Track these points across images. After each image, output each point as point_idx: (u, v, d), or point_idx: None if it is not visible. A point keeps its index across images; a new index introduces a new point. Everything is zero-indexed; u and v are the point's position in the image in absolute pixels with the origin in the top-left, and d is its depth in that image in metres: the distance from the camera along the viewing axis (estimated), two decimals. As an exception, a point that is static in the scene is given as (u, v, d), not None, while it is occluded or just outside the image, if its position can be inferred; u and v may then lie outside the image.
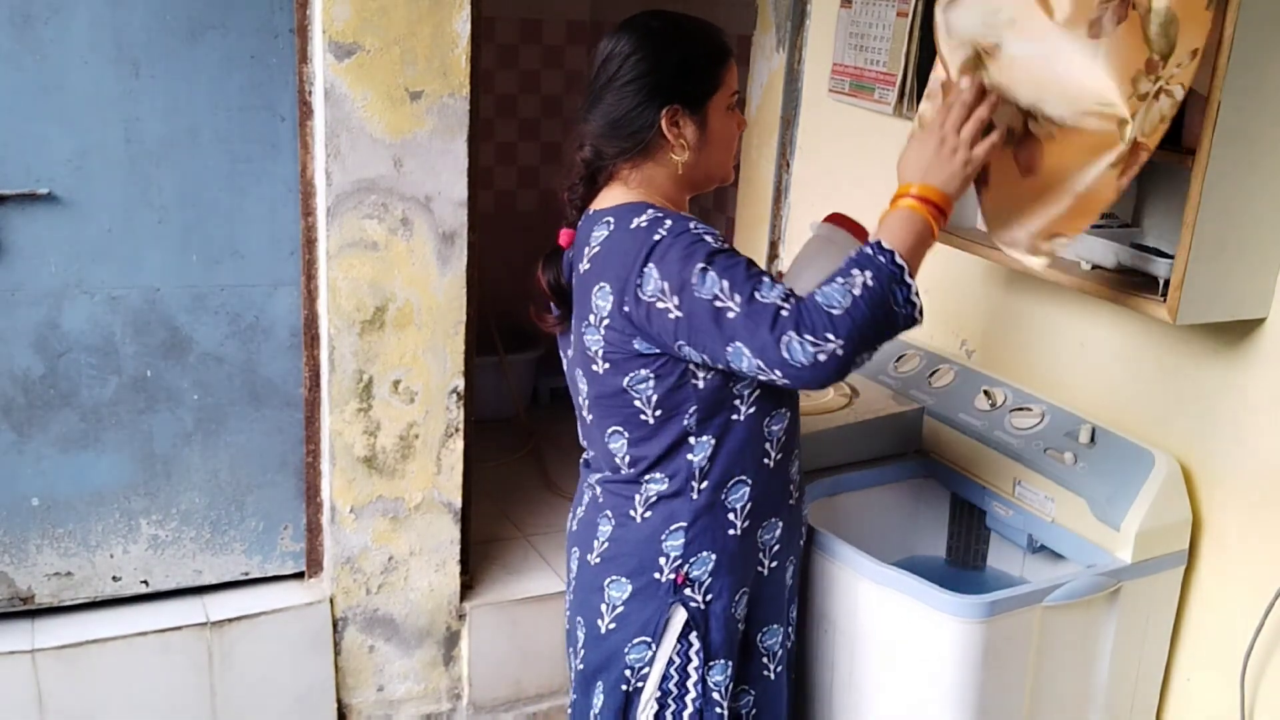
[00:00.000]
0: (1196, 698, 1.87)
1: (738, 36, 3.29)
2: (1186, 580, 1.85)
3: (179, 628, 2.38)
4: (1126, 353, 1.91)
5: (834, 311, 1.38)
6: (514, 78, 4.07)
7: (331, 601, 2.50)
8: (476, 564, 2.72)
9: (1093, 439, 1.85)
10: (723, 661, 1.65)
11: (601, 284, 1.53)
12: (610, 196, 1.60)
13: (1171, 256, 1.62)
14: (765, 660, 1.74)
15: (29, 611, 2.37)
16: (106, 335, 2.28)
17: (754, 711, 1.75)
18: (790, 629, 1.79)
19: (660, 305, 1.47)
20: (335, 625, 2.51)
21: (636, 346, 1.53)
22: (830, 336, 1.37)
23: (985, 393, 2.04)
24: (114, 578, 2.42)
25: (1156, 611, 1.84)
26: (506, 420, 3.72)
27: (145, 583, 2.44)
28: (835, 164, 2.60)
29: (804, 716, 1.93)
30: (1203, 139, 1.53)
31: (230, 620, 2.42)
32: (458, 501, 2.53)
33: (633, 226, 1.52)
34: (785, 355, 1.39)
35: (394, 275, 2.35)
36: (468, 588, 2.64)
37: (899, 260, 1.41)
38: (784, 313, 1.40)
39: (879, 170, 2.45)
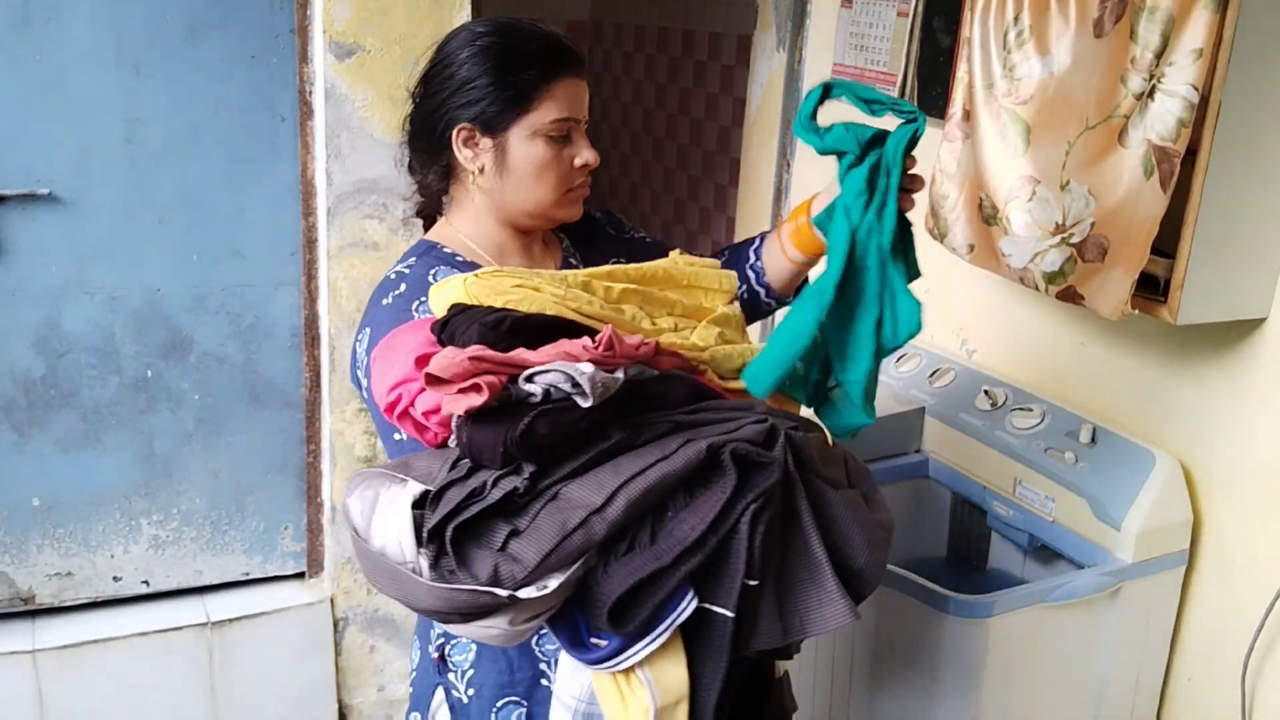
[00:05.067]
0: (1196, 698, 1.87)
1: (738, 36, 3.29)
2: (1186, 580, 1.85)
3: (179, 628, 2.38)
4: (1126, 353, 1.91)
5: None
6: (514, 78, 4.07)
7: (332, 602, 2.50)
8: (477, 564, 2.71)
9: (1093, 439, 1.85)
10: None
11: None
12: (437, 227, 1.50)
13: (1172, 256, 1.62)
14: None
15: (30, 611, 2.37)
16: (107, 335, 2.28)
17: None
18: None
19: (360, 373, 1.38)
20: (336, 625, 2.51)
21: (363, 398, 1.43)
22: None
23: (985, 393, 2.04)
24: (114, 578, 2.42)
25: (1156, 611, 1.84)
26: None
27: (146, 583, 2.44)
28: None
29: (804, 716, 1.93)
30: (1203, 139, 1.53)
31: (231, 620, 2.42)
32: (458, 501, 2.53)
33: (389, 273, 1.43)
34: None
35: (394, 275, 2.35)
36: (468, 588, 2.63)
37: None
38: None
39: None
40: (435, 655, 1.44)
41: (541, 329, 1.17)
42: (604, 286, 1.26)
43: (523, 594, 1.06)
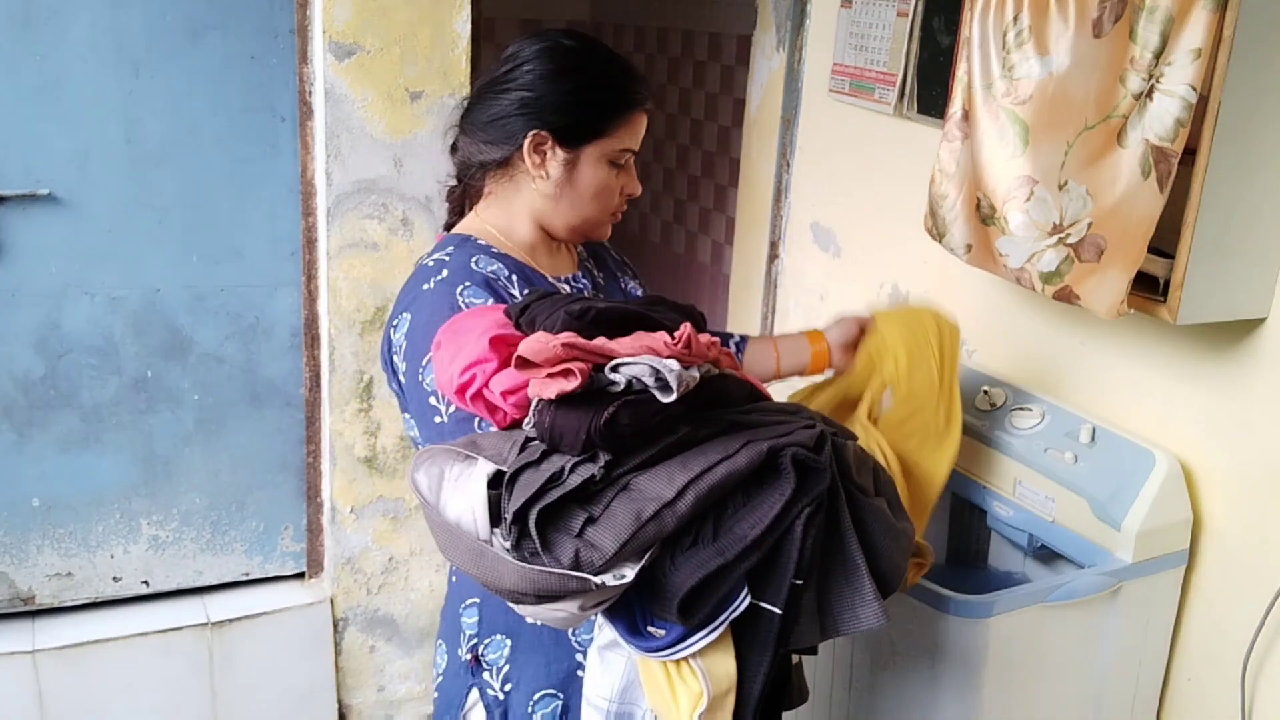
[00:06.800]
0: (1196, 698, 1.87)
1: (738, 36, 3.29)
2: (1186, 580, 1.85)
3: (179, 628, 2.38)
4: (1126, 353, 1.91)
5: None
6: (514, 78, 4.06)
7: (332, 602, 2.50)
8: (477, 564, 2.71)
9: (1093, 439, 1.85)
10: None
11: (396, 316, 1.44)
12: (466, 220, 1.52)
13: (1171, 256, 1.62)
14: None
15: (30, 612, 2.37)
16: (107, 336, 2.28)
17: None
18: None
19: (397, 357, 1.40)
20: (336, 625, 2.51)
21: (393, 385, 1.45)
22: None
23: (985, 393, 2.04)
24: (114, 578, 2.42)
25: (1156, 611, 1.84)
26: (507, 420, 3.71)
27: (146, 583, 2.44)
28: (835, 164, 2.60)
29: (805, 717, 1.93)
30: (1203, 139, 1.53)
31: (231, 621, 2.42)
32: (458, 502, 2.53)
33: (425, 262, 1.45)
34: None
35: (394, 275, 2.35)
36: (468, 588, 2.64)
37: None
38: None
39: (879, 170, 2.45)
40: (468, 657, 1.45)
41: (618, 321, 1.20)
42: None
43: (605, 580, 1.09)
